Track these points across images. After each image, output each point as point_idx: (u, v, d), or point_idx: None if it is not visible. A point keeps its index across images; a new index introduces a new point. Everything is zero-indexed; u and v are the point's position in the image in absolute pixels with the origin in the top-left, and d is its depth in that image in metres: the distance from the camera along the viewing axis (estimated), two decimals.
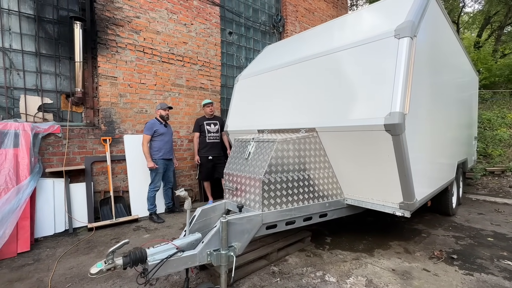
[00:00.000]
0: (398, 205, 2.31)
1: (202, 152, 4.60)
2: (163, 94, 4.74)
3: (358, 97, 2.24)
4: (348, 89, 2.32)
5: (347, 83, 2.34)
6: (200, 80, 5.23)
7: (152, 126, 3.97)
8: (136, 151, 4.25)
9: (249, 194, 2.34)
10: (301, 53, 2.93)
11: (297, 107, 2.74)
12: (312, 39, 3.12)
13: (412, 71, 2.05)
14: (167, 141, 4.08)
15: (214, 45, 5.45)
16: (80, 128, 3.95)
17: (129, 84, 4.36)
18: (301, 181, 2.42)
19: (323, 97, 2.50)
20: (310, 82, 2.65)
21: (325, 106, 2.46)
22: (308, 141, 2.49)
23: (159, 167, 3.97)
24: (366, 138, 2.19)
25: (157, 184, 4.00)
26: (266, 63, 3.48)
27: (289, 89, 2.89)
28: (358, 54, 2.31)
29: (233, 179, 2.54)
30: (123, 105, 4.31)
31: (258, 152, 2.40)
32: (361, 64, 2.28)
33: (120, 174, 4.27)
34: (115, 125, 4.23)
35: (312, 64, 2.67)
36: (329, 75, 2.51)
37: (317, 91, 2.57)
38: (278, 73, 3.09)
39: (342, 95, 2.35)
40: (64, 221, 3.56)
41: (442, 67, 2.98)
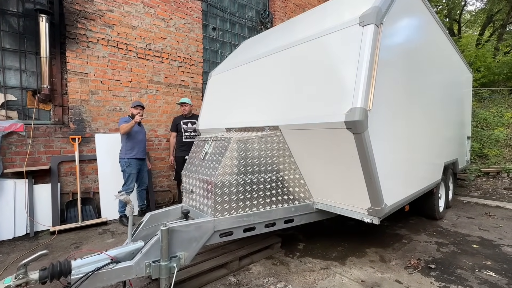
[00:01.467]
0: (366, 210, 2.10)
1: (178, 151, 4.41)
2: (139, 91, 4.55)
3: (321, 92, 2.03)
4: (311, 84, 2.11)
5: (310, 77, 2.13)
6: (180, 77, 5.04)
7: (127, 120, 3.78)
8: (108, 150, 4.07)
9: (202, 198, 2.14)
10: (267, 47, 2.72)
11: (262, 104, 2.53)
12: (281, 32, 2.91)
13: (377, 61, 1.84)
14: (140, 140, 3.89)
15: (195, 41, 5.25)
16: (47, 127, 3.77)
17: (101, 80, 4.17)
18: (262, 183, 2.22)
19: (286, 93, 2.29)
20: (273, 78, 2.45)
21: (288, 103, 2.26)
22: (271, 140, 2.28)
23: (132, 168, 3.77)
24: (329, 137, 1.98)
25: (130, 186, 3.81)
26: (238, 58, 3.28)
27: (255, 85, 2.69)
28: (321, 45, 2.10)
29: (189, 181, 2.35)
30: (95, 102, 4.12)
31: (214, 152, 2.20)
32: (324, 56, 2.07)
33: (91, 174, 4.09)
34: (85, 124, 4.04)
35: (275, 58, 2.47)
36: (291, 69, 2.30)
37: (280, 86, 2.37)
38: (246, 68, 2.89)
39: (305, 90, 2.14)
40: (26, 224, 3.38)
41: (423, 62, 2.76)
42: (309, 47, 2.18)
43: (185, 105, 4.42)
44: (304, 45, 2.22)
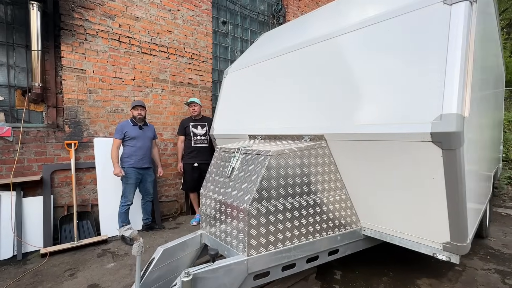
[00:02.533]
0: (441, 245, 1.63)
1: (186, 158, 3.93)
2: (143, 90, 4.07)
3: (389, 92, 1.55)
4: (373, 81, 1.64)
5: (373, 73, 1.65)
6: (187, 74, 4.56)
7: (122, 128, 3.31)
8: (108, 157, 3.58)
9: (230, 227, 1.66)
10: (305, 35, 2.24)
11: (300, 106, 2.05)
12: (320, 20, 2.43)
13: (472, 51, 1.36)
14: (140, 147, 3.39)
15: (204, 35, 4.77)
16: (38, 130, 3.29)
17: (100, 78, 3.69)
18: (305, 208, 1.75)
19: (335, 93, 1.82)
20: (318, 73, 1.97)
21: (339, 105, 1.78)
22: (314, 153, 1.81)
23: (129, 178, 3.30)
24: (399, 151, 1.51)
25: (129, 197, 3.33)
26: (261, 52, 2.80)
27: (286, 84, 2.22)
28: (387, 31, 1.63)
29: (211, 204, 1.87)
30: (93, 103, 3.64)
31: (244, 169, 1.73)
32: (391, 45, 1.60)
33: (89, 184, 3.61)
34: (82, 127, 3.57)
35: (321, 48, 1.99)
36: (342, 63, 1.82)
37: (327, 84, 1.89)
38: (274, 63, 2.41)
39: (364, 90, 1.67)
40: (13, 245, 2.90)
41: (488, 54, 2.28)
42: (369, 34, 1.70)
43: (194, 105, 3.94)
44: (361, 31, 1.74)
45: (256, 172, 1.61)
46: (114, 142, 3.27)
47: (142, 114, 3.41)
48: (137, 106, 3.37)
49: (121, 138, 3.29)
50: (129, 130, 3.33)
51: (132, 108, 3.40)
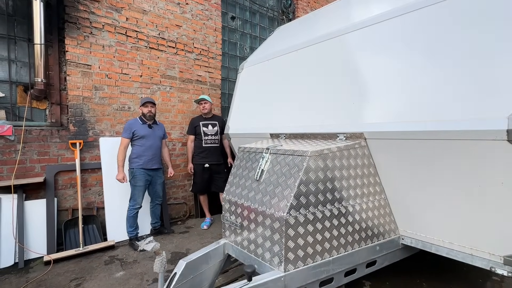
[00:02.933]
0: (502, 258, 1.43)
1: (197, 159, 3.73)
2: (150, 87, 3.87)
3: (448, 82, 1.35)
4: (427, 68, 1.44)
5: (425, 60, 1.45)
6: (196, 71, 4.36)
7: (130, 127, 3.11)
8: (115, 157, 3.37)
9: (262, 238, 1.47)
10: (335, 25, 2.04)
11: (331, 101, 1.86)
12: (351, 8, 2.22)
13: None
14: (149, 147, 3.19)
15: (213, 30, 4.57)
16: (41, 129, 3.09)
17: (107, 74, 3.50)
18: (344, 216, 1.55)
19: (378, 85, 1.62)
20: (355, 64, 1.77)
21: (382, 100, 1.58)
22: (354, 154, 1.61)
23: (138, 180, 3.10)
24: (459, 151, 1.32)
25: (138, 201, 3.14)
26: (280, 44, 2.60)
27: (317, 76, 2.01)
28: (451, 10, 1.41)
29: (236, 210, 1.67)
30: (99, 100, 3.45)
31: (276, 171, 1.53)
32: (453, 27, 1.39)
33: (95, 186, 3.42)
34: (88, 125, 3.37)
35: (360, 36, 1.79)
36: (386, 51, 1.62)
37: (366, 76, 1.69)
38: (300, 55, 2.21)
39: (415, 80, 1.47)
40: (14, 252, 2.71)
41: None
42: (424, 15, 1.50)
43: (204, 103, 3.74)
44: (411, 16, 1.54)
45: (293, 175, 1.42)
46: (121, 142, 3.07)
47: (152, 111, 3.22)
48: (147, 103, 3.17)
49: (129, 138, 3.09)
50: (138, 128, 3.13)
51: (141, 105, 3.21)
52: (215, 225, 3.85)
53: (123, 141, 3.08)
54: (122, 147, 3.06)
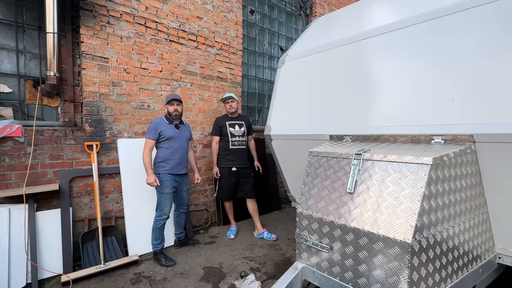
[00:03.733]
0: None
1: (223, 162, 3.42)
2: (171, 84, 3.54)
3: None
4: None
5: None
6: (217, 67, 4.05)
7: (157, 127, 2.77)
8: (134, 160, 3.05)
9: (367, 265, 1.18)
10: (410, 11, 1.76)
11: (417, 97, 1.58)
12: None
13: None
14: (177, 149, 2.85)
15: (234, 24, 4.27)
16: (54, 130, 2.73)
17: (125, 68, 3.16)
18: (457, 235, 1.28)
19: (491, 75, 1.35)
20: (453, 50, 1.49)
21: (497, 93, 1.31)
22: (465, 160, 1.34)
23: (165, 186, 2.76)
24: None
25: (165, 210, 2.81)
26: (331, 36, 2.32)
27: (393, 68, 1.74)
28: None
29: (321, 229, 1.38)
30: (117, 97, 3.10)
31: (376, 183, 1.25)
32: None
33: (112, 193, 3.07)
34: (105, 125, 3.02)
35: (442, 23, 1.51)
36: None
37: (470, 65, 1.41)
38: (366, 45, 1.93)
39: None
40: (26, 271, 2.35)
41: None
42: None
43: (231, 101, 3.43)
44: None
45: (410, 187, 1.14)
46: (146, 144, 2.73)
47: (179, 110, 2.88)
48: (173, 101, 2.84)
49: (155, 139, 2.76)
50: (165, 129, 2.80)
51: (166, 102, 2.87)
52: (242, 234, 3.55)
53: (148, 143, 2.73)
54: (147, 149, 2.71)
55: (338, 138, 1.97)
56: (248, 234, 3.56)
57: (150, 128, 2.77)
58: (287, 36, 5.47)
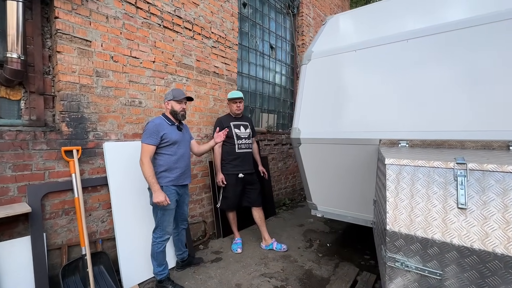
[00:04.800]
0: None
1: (228, 167, 3.06)
2: (165, 77, 3.04)
3: None
4: None
5: None
6: (213, 61, 3.64)
7: (158, 129, 2.25)
8: (124, 167, 2.51)
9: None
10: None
11: (493, 98, 1.51)
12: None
13: None
14: (181, 156, 2.38)
15: (230, 15, 3.91)
16: (18, 131, 2.06)
17: (112, 55, 2.57)
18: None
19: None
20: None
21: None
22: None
23: (171, 202, 2.27)
24: None
25: (168, 229, 2.32)
26: (369, 34, 2.18)
27: (459, 70, 1.66)
28: None
29: (427, 252, 1.19)
30: (102, 90, 2.51)
31: (502, 197, 1.11)
32: None
33: (97, 210, 2.47)
34: (87, 125, 2.41)
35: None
36: None
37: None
38: (420, 44, 1.83)
39: None
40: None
41: None
42: None
43: (239, 102, 3.10)
44: None
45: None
46: (145, 150, 2.20)
47: (185, 110, 2.44)
48: (183, 99, 2.38)
49: (157, 144, 2.26)
50: (168, 131, 2.31)
51: (171, 99, 2.36)
52: (247, 246, 3.23)
53: (147, 150, 2.20)
54: (147, 157, 2.18)
55: (390, 143, 1.83)
56: (253, 246, 3.26)
57: (150, 131, 2.24)
58: (276, 34, 5.28)
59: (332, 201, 2.50)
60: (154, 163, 2.34)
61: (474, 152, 1.45)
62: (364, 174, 2.11)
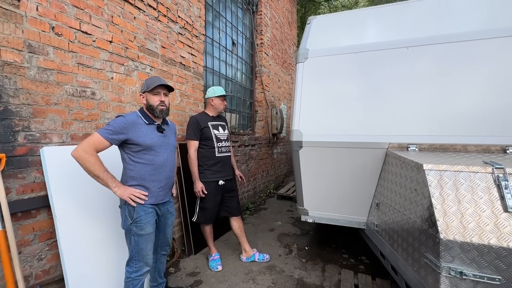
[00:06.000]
0: None
1: (207, 174, 2.65)
2: (125, 63, 2.41)
3: None
4: None
5: None
6: (180, 51, 3.14)
7: (127, 126, 1.69)
8: (76, 180, 1.85)
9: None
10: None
11: (492, 105, 1.67)
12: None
13: None
14: (162, 165, 1.85)
15: (197, 1, 3.45)
16: None
17: (53, 26, 1.86)
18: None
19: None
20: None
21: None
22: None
23: (145, 224, 1.75)
24: None
25: (147, 260, 1.79)
26: (370, 37, 2.19)
27: (460, 77, 1.79)
28: None
29: (483, 258, 1.17)
30: (39, 73, 1.78)
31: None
32: None
33: (31, 244, 1.73)
34: (15, 122, 1.66)
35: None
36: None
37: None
38: (424, 52, 1.91)
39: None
40: None
41: None
42: None
43: (223, 99, 2.73)
44: None
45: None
46: (94, 140, 1.60)
47: (166, 103, 1.93)
48: (159, 88, 1.86)
49: (114, 141, 1.66)
50: (142, 133, 1.77)
51: (148, 90, 1.83)
52: (226, 261, 2.89)
53: (96, 140, 1.59)
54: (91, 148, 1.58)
55: (399, 147, 1.85)
56: (232, 259, 2.94)
57: (115, 124, 1.66)
58: (238, 29, 5.01)
59: (325, 206, 2.44)
60: (123, 173, 1.79)
61: (487, 155, 1.57)
62: (364, 177, 2.10)
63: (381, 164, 1.97)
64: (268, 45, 5.99)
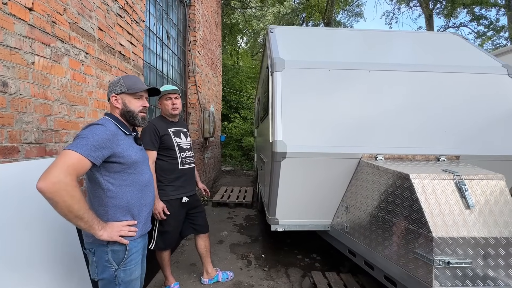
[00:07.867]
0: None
1: (168, 191, 2.21)
2: (52, 43, 1.71)
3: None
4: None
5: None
6: (119, 37, 2.51)
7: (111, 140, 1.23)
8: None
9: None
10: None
11: (430, 124, 2.15)
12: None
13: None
14: (146, 184, 1.42)
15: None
16: None
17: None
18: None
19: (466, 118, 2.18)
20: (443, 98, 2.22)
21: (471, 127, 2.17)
22: None
23: (134, 266, 1.33)
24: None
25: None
26: (342, 57, 2.39)
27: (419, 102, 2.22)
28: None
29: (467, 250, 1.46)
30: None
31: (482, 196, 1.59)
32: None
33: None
34: None
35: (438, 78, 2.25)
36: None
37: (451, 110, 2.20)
38: (394, 77, 2.26)
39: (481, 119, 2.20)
40: None
41: None
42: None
43: (175, 98, 2.27)
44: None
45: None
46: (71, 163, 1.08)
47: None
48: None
49: (97, 159, 1.18)
50: (126, 146, 1.31)
51: (128, 91, 1.35)
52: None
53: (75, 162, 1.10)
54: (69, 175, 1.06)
55: (369, 157, 2.11)
56: (191, 285, 2.58)
57: (95, 136, 1.18)
58: (172, 21, 4.48)
59: (295, 213, 2.49)
60: (97, 204, 1.26)
61: (430, 163, 2.01)
62: (336, 184, 2.28)
63: (353, 172, 2.19)
64: (200, 43, 5.65)
